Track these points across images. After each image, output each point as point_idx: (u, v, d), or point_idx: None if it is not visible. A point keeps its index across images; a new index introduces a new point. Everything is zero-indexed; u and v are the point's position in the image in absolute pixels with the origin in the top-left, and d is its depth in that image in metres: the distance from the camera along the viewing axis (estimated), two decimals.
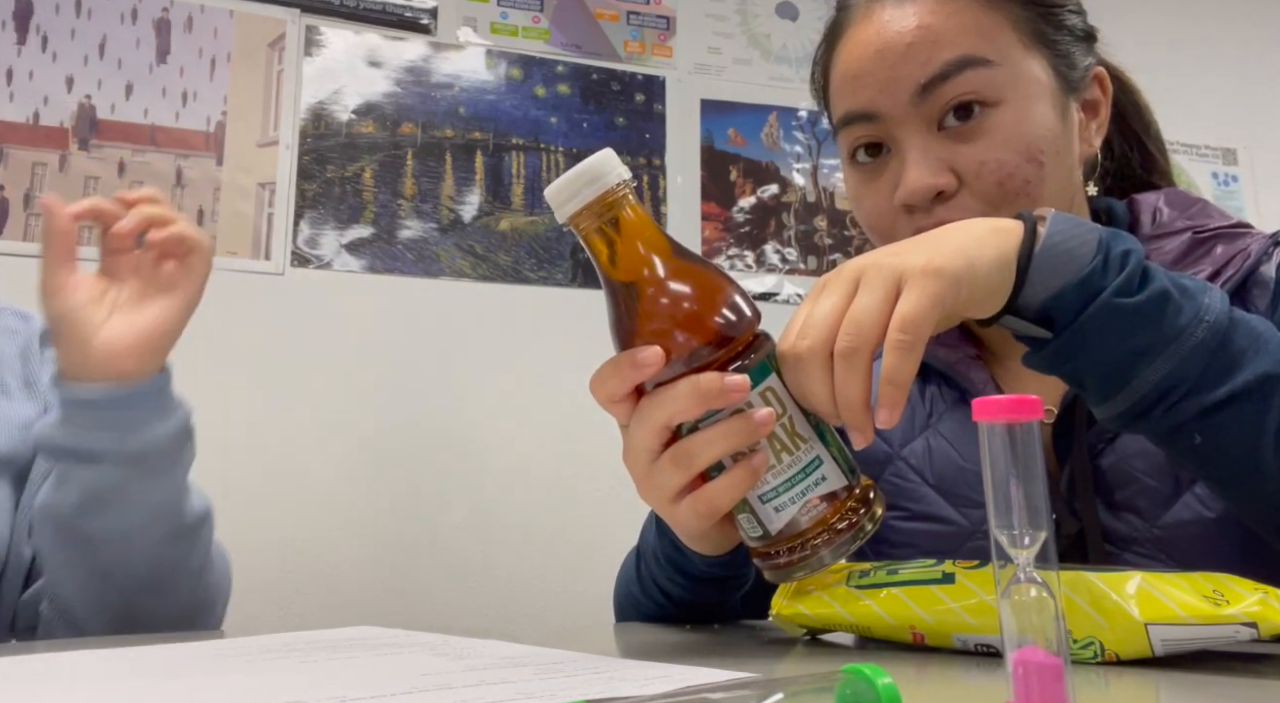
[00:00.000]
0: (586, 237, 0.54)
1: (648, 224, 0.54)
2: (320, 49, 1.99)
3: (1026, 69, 0.71)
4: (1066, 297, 0.55)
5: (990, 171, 0.69)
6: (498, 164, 2.08)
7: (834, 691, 0.33)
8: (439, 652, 0.55)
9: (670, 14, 2.27)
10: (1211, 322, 0.56)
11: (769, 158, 2.28)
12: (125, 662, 0.55)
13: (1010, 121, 0.70)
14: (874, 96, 0.72)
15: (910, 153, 0.71)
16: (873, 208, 0.75)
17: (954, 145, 0.71)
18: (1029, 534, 0.35)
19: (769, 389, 0.53)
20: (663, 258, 0.53)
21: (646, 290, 0.52)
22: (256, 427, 1.80)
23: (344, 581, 1.80)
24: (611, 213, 0.53)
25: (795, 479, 0.53)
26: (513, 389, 1.97)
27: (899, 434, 0.81)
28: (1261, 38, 2.71)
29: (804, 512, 0.54)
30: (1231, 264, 0.71)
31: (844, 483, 0.54)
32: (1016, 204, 0.69)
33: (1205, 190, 2.59)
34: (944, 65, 0.69)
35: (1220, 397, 0.55)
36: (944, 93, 0.70)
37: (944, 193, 0.70)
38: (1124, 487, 0.70)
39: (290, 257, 1.90)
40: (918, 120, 0.71)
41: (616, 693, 0.40)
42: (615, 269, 0.53)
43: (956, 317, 0.57)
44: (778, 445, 0.53)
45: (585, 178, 0.53)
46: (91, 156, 1.83)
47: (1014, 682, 0.34)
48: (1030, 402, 0.35)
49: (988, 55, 0.70)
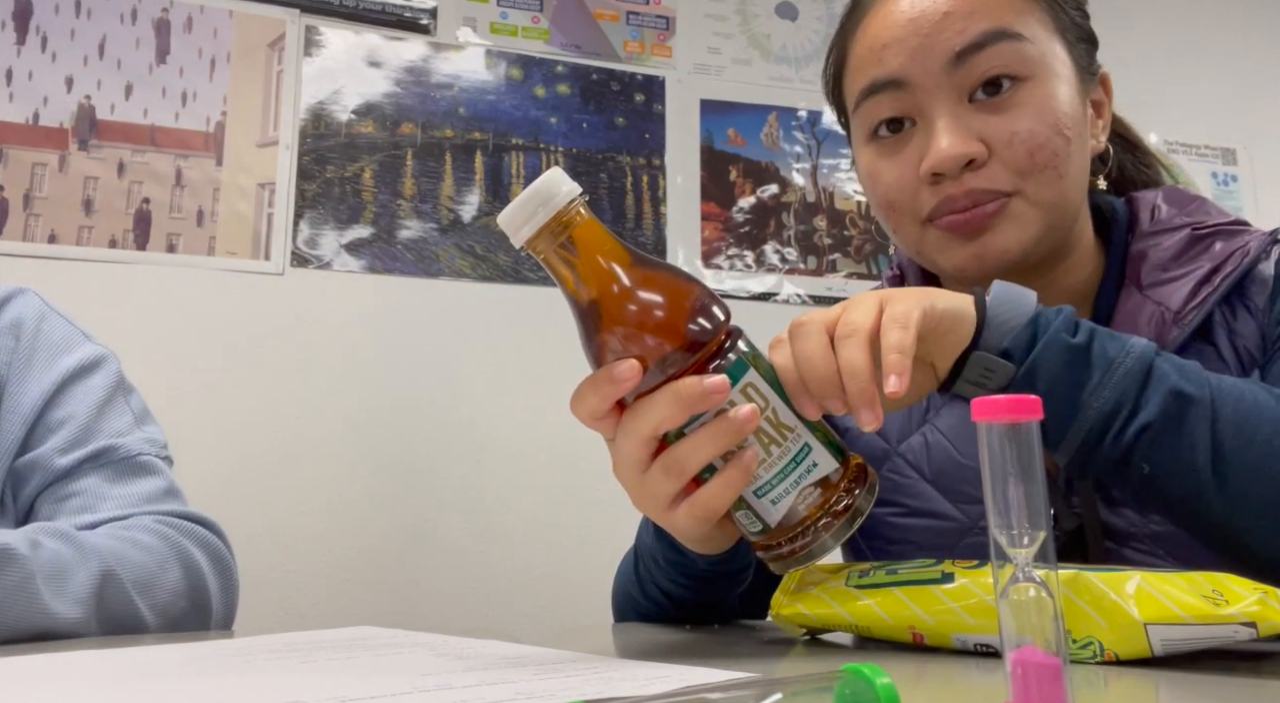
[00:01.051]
0: (546, 258, 0.53)
1: (605, 237, 0.53)
2: (320, 49, 1.99)
3: (1054, 50, 0.73)
4: (1022, 334, 0.59)
5: (1021, 141, 0.70)
6: (498, 164, 2.08)
7: (833, 690, 0.33)
8: (439, 652, 0.55)
9: (670, 14, 2.27)
10: (1138, 353, 0.60)
11: (769, 158, 2.28)
12: (125, 662, 0.55)
13: (1040, 96, 0.71)
14: (905, 63, 0.72)
15: (940, 120, 0.71)
16: (894, 180, 0.75)
17: (984, 116, 0.71)
18: (1028, 534, 0.35)
19: (749, 385, 0.53)
20: (625, 268, 0.53)
21: (614, 304, 0.52)
22: (256, 426, 1.80)
23: (344, 581, 1.80)
24: (567, 232, 0.53)
25: (787, 470, 0.54)
26: (512, 389, 1.97)
27: (896, 430, 0.81)
28: (1261, 38, 2.72)
29: (800, 500, 0.54)
30: (1230, 260, 0.72)
31: (835, 466, 0.55)
32: (1044, 176, 0.71)
33: (1205, 190, 2.59)
34: (980, 35, 0.70)
35: (1155, 415, 0.58)
36: (977, 63, 0.71)
37: (974, 161, 0.71)
38: None
39: (290, 257, 1.90)
40: (949, 89, 0.71)
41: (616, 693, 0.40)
42: (579, 287, 0.53)
43: (925, 348, 0.59)
44: (765, 439, 0.53)
45: (537, 200, 0.52)
46: (91, 157, 1.83)
47: (1013, 682, 0.34)
48: (1030, 402, 0.35)
49: (1021, 31, 0.71)
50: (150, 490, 0.89)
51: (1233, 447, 0.58)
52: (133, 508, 0.86)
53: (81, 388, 0.91)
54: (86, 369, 0.92)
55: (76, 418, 0.89)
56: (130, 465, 0.89)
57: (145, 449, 0.91)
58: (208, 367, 1.80)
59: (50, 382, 0.90)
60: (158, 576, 0.80)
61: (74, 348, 0.93)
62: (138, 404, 0.96)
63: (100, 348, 0.96)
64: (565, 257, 0.53)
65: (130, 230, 1.83)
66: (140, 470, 0.90)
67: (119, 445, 0.89)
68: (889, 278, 0.90)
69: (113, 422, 0.91)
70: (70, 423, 0.89)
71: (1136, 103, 0.92)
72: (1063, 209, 0.73)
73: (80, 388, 0.91)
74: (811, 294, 2.24)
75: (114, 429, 0.91)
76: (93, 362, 0.93)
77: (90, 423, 0.90)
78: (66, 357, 0.92)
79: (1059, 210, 0.73)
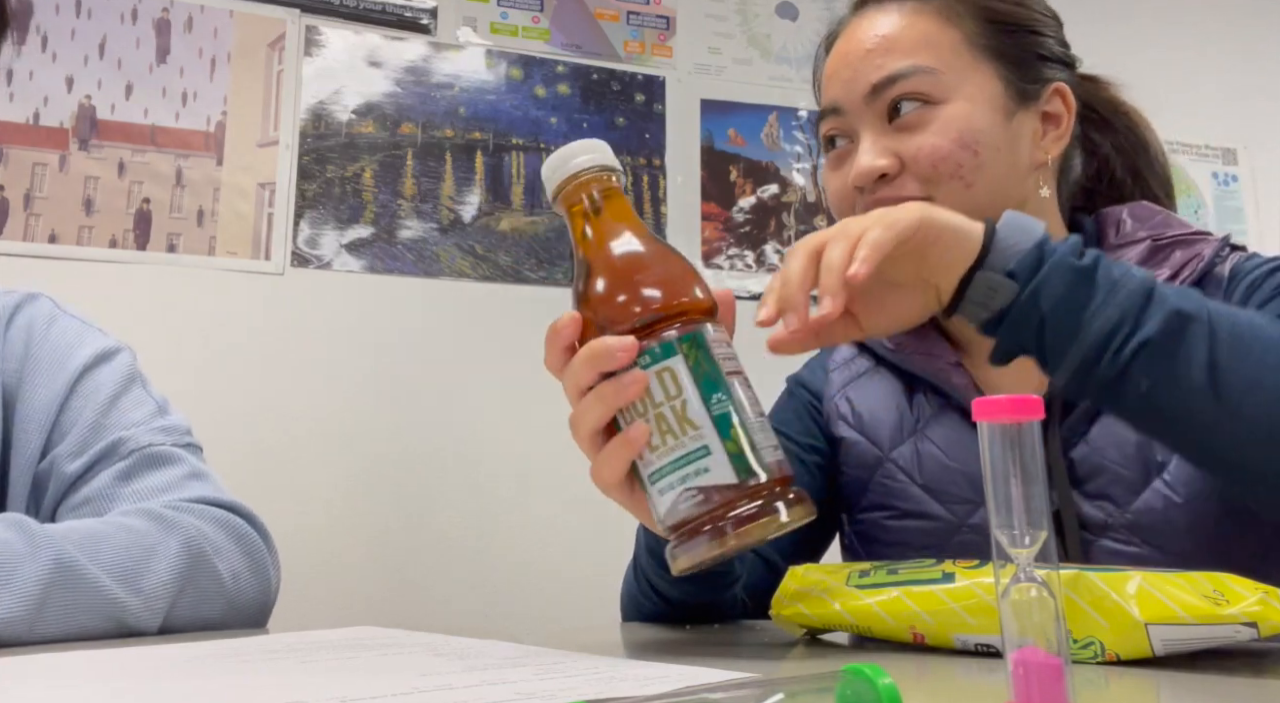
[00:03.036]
0: (571, 204, 0.60)
1: (607, 212, 0.59)
2: (320, 49, 1.99)
3: (972, 77, 0.80)
4: (1028, 257, 0.62)
5: (926, 155, 0.78)
6: (498, 164, 2.08)
7: (834, 691, 0.33)
8: (439, 652, 0.55)
9: (670, 14, 2.27)
10: (1140, 277, 0.62)
11: (769, 158, 2.28)
12: (126, 662, 0.55)
13: (949, 116, 0.78)
14: (838, 93, 0.83)
15: (863, 141, 0.81)
16: (836, 189, 0.84)
17: (900, 136, 0.79)
18: (1029, 534, 0.35)
19: (666, 369, 0.54)
20: (609, 240, 0.58)
21: (585, 268, 0.58)
22: (255, 426, 1.80)
23: (344, 581, 1.80)
24: (602, 185, 0.59)
25: (678, 464, 0.54)
26: (513, 389, 1.97)
27: (888, 438, 0.85)
28: (1261, 38, 2.71)
29: (682, 499, 0.54)
30: (1188, 267, 0.78)
31: (731, 480, 0.53)
32: (950, 187, 0.78)
33: (1205, 190, 2.59)
34: (893, 70, 0.79)
35: (1155, 332, 0.60)
36: (890, 92, 0.80)
37: (886, 175, 0.79)
38: (1097, 476, 0.75)
39: (290, 257, 1.90)
40: (870, 115, 0.81)
41: (616, 693, 0.40)
42: (574, 245, 0.60)
43: (929, 267, 0.64)
44: (664, 427, 0.54)
45: (589, 150, 0.59)
46: (91, 157, 1.83)
47: (1014, 682, 0.34)
48: (1031, 401, 0.35)
49: (933, 65, 0.79)
50: (165, 481, 0.82)
51: (1228, 362, 0.60)
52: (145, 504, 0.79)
53: (91, 384, 0.87)
54: (96, 363, 0.88)
55: (85, 418, 0.85)
56: (142, 459, 0.83)
57: (157, 440, 0.85)
58: (208, 367, 1.80)
59: (63, 383, 0.86)
60: (144, 561, 0.73)
61: (85, 344, 0.89)
62: (158, 393, 0.90)
63: (111, 341, 0.91)
64: (568, 216, 0.60)
65: (130, 230, 1.83)
66: (153, 463, 0.83)
67: (127, 439, 0.83)
68: None
69: (127, 414, 0.86)
70: (79, 423, 0.84)
71: (1136, 103, 0.93)
72: (975, 217, 0.74)
73: (90, 384, 0.87)
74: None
75: (126, 422, 0.85)
76: (102, 355, 0.89)
77: (99, 420, 0.85)
78: (76, 355, 0.87)
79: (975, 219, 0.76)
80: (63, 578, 0.68)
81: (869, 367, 0.90)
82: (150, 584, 0.72)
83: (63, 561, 0.69)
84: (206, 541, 0.77)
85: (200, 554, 0.76)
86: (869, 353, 0.91)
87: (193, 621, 0.76)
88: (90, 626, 0.70)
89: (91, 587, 0.70)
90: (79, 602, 0.69)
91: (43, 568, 0.68)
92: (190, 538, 0.76)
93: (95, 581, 0.70)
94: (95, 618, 0.70)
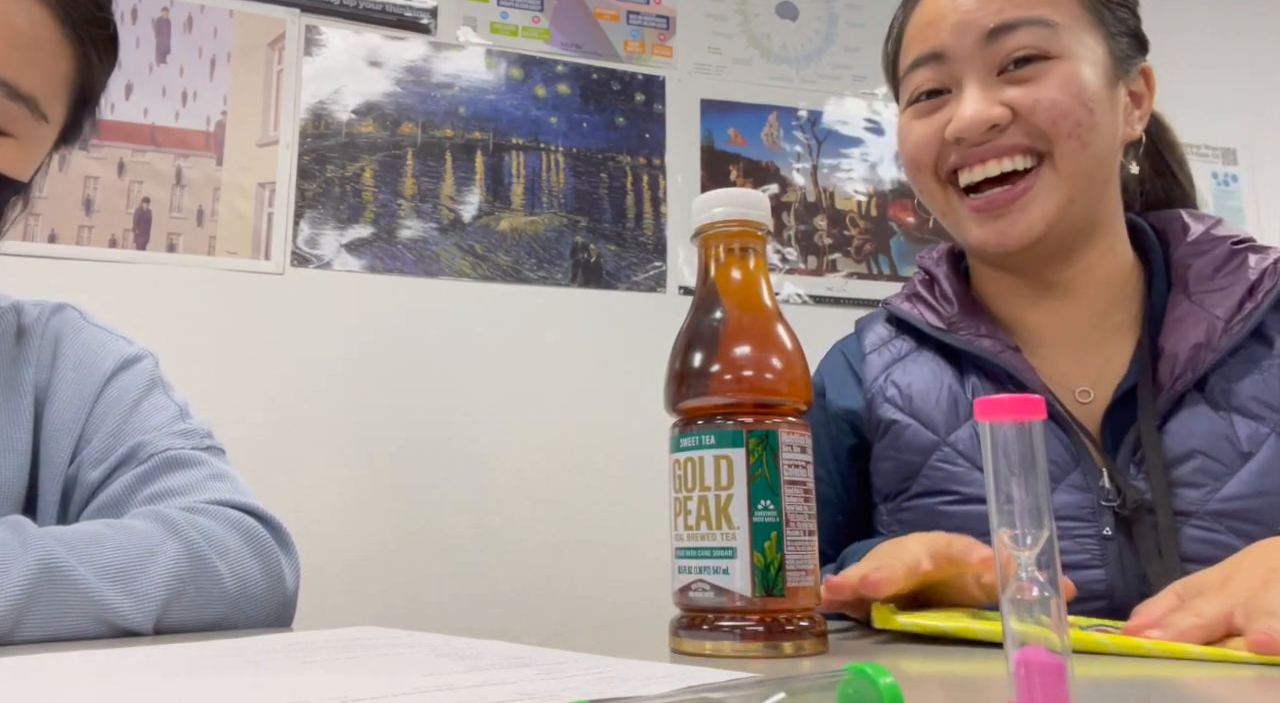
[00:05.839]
0: (706, 249, 0.59)
1: (758, 277, 0.59)
2: (320, 49, 1.99)
3: (1085, 38, 0.79)
4: None
5: (1044, 108, 0.76)
6: (498, 164, 2.08)
7: (836, 690, 0.33)
8: (440, 652, 0.55)
9: (670, 14, 2.27)
10: None
11: (769, 158, 2.28)
12: (125, 662, 0.55)
13: (1065, 72, 0.77)
14: (945, 37, 0.80)
15: (969, 89, 0.78)
16: (921, 137, 0.82)
17: (1011, 87, 0.77)
18: (1030, 534, 0.35)
19: (725, 457, 0.53)
20: (714, 302, 0.57)
21: (702, 318, 0.57)
22: (256, 426, 1.80)
23: (345, 581, 1.80)
24: (740, 243, 0.58)
25: (702, 554, 0.53)
26: (512, 389, 1.97)
27: (942, 422, 0.83)
28: (1261, 38, 2.71)
29: (695, 586, 0.53)
30: (1267, 276, 0.78)
31: (744, 592, 0.52)
32: (1067, 146, 0.76)
33: (1205, 190, 2.59)
34: (1012, 17, 0.77)
35: None
36: (1008, 41, 0.77)
37: (997, 126, 0.77)
38: (1182, 462, 0.74)
39: (290, 257, 1.90)
40: (981, 63, 0.78)
41: (616, 693, 0.40)
42: (705, 285, 0.59)
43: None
44: (704, 512, 0.53)
45: (702, 206, 0.59)
46: (91, 156, 1.82)
47: (1016, 681, 0.34)
48: (1032, 401, 0.35)
49: (1053, 18, 0.77)
50: (183, 484, 0.82)
51: None
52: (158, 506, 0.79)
53: (115, 392, 0.87)
54: (119, 371, 0.89)
55: (108, 425, 0.85)
56: (161, 463, 0.83)
57: (176, 444, 0.85)
58: (207, 366, 1.80)
59: (88, 392, 0.87)
60: (139, 563, 0.72)
61: (109, 353, 0.90)
62: (179, 397, 0.91)
63: (135, 348, 0.92)
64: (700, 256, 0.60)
65: (130, 230, 1.83)
66: (172, 466, 0.83)
67: (146, 443, 0.84)
68: (920, 281, 0.91)
69: (148, 419, 0.87)
70: (102, 431, 0.85)
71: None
72: (1086, 183, 0.77)
73: (114, 392, 0.87)
74: (812, 294, 2.24)
75: (146, 427, 0.86)
76: (125, 362, 0.90)
77: (120, 426, 0.85)
78: (101, 365, 0.88)
79: (1082, 183, 0.77)
80: (48, 579, 0.68)
81: (911, 348, 0.88)
82: (143, 586, 0.72)
83: (49, 562, 0.68)
84: (212, 542, 0.77)
85: (201, 556, 0.76)
86: (910, 333, 0.89)
87: (194, 622, 0.75)
88: (78, 627, 0.69)
89: (77, 588, 0.69)
90: (64, 603, 0.69)
91: (28, 569, 0.67)
92: (193, 540, 0.76)
93: (81, 582, 0.70)
94: (82, 619, 0.70)
